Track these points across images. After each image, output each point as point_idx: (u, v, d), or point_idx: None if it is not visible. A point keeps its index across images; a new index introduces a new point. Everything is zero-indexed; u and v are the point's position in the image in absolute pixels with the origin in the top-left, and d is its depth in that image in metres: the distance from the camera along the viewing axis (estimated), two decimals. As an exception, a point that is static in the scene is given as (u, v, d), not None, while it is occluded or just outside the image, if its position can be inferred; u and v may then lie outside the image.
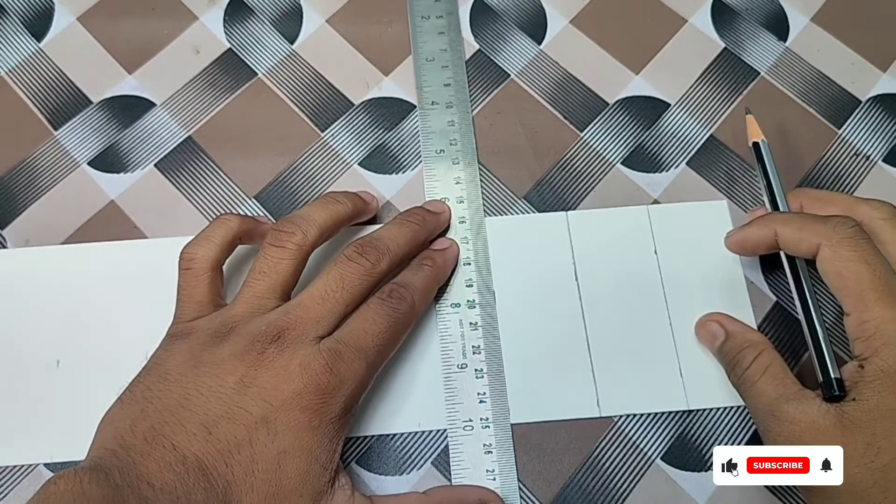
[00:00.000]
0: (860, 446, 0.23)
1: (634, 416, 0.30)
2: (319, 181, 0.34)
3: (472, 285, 0.31)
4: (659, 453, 0.29)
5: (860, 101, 0.36)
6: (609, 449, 0.29)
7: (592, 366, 0.30)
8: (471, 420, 0.29)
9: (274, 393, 0.24)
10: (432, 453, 0.29)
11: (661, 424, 0.30)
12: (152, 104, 0.35)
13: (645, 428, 0.30)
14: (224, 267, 0.28)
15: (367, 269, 0.27)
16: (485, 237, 0.32)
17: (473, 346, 0.30)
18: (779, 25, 0.37)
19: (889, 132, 0.35)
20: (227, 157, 0.34)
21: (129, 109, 0.35)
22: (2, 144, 0.34)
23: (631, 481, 0.29)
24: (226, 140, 0.34)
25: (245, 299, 0.26)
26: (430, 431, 0.30)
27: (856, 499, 0.23)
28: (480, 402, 0.29)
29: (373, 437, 0.29)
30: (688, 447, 0.30)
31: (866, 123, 0.35)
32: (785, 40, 0.37)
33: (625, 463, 0.29)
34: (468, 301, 0.31)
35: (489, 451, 0.29)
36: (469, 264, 0.32)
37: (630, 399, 0.30)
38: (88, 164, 0.34)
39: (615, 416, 0.30)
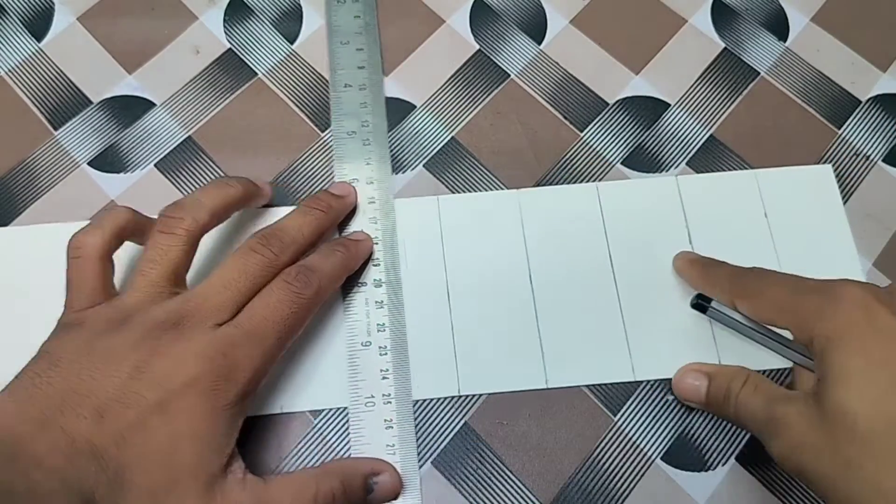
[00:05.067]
0: (839, 416, 0.23)
1: (634, 416, 0.30)
2: (320, 181, 0.34)
3: (379, 264, 0.31)
4: (659, 453, 0.29)
5: (860, 101, 0.36)
6: (609, 449, 0.30)
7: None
8: (373, 396, 0.29)
9: (169, 378, 0.24)
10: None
11: (661, 424, 0.30)
12: (152, 104, 0.35)
13: (645, 428, 0.30)
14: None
15: (270, 260, 0.27)
16: (393, 217, 0.32)
17: (378, 324, 0.30)
18: (779, 25, 0.37)
19: (889, 132, 0.35)
20: (227, 157, 0.34)
21: (129, 109, 0.35)
22: (2, 144, 0.34)
23: (631, 481, 0.29)
24: (226, 140, 0.34)
25: (139, 287, 0.26)
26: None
27: (876, 459, 0.22)
28: (383, 378, 0.30)
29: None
30: (688, 447, 0.30)
31: (866, 123, 0.35)
32: (785, 40, 0.37)
33: (625, 463, 0.29)
34: (374, 280, 0.31)
35: (390, 427, 0.29)
36: (377, 244, 0.32)
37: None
38: (88, 164, 0.34)
39: (619, 404, 0.30)
